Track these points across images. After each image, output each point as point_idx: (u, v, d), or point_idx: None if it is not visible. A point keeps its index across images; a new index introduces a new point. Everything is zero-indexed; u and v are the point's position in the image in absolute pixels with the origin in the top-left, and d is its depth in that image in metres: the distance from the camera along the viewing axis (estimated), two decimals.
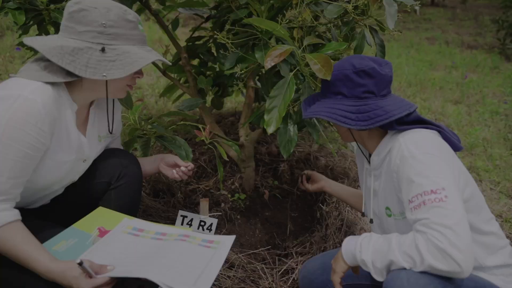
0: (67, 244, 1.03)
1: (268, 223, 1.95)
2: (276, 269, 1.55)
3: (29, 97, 0.97)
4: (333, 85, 1.16)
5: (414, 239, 0.93)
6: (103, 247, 1.03)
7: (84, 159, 1.21)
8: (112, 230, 1.10)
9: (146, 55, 1.10)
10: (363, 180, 1.32)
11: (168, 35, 2.08)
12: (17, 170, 0.97)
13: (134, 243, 1.06)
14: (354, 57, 1.16)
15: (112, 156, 1.31)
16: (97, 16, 1.04)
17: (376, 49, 1.51)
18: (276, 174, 2.27)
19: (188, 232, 1.14)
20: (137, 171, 1.32)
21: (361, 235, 1.07)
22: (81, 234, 1.08)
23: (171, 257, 0.99)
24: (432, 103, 3.87)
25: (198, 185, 2.10)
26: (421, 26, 8.68)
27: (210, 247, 1.06)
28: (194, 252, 1.03)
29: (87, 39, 1.05)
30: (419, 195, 0.96)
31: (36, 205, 1.23)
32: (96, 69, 1.03)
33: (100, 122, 1.29)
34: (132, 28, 1.09)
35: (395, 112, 1.10)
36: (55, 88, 1.05)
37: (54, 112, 1.02)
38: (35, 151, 0.99)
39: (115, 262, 0.96)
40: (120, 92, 1.18)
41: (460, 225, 0.90)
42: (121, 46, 1.07)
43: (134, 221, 1.16)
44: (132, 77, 1.17)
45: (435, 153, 1.01)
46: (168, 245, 1.05)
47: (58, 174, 1.13)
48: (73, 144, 1.13)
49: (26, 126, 0.96)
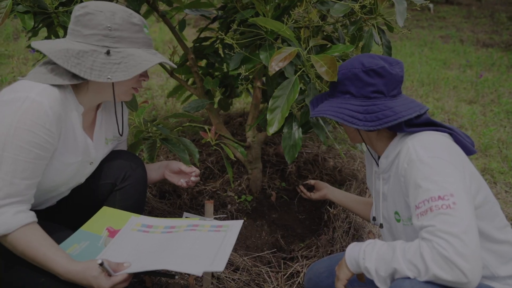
0: (80, 247, 1.04)
1: (275, 225, 1.93)
2: (282, 273, 1.53)
3: (36, 99, 0.97)
4: (341, 84, 1.13)
5: (419, 247, 0.89)
6: (116, 246, 1.05)
7: (91, 161, 1.22)
8: (122, 229, 1.11)
9: (150, 57, 1.10)
10: (372, 183, 1.29)
11: (175, 36, 2.08)
12: (30, 171, 0.98)
13: (146, 239, 1.07)
14: (364, 56, 1.14)
15: (117, 157, 1.31)
16: (102, 19, 1.05)
17: (383, 49, 1.47)
18: (284, 176, 2.25)
19: (196, 221, 1.15)
20: (142, 173, 1.32)
21: (366, 242, 1.04)
22: (92, 236, 1.08)
23: (185, 246, 1.02)
24: (446, 103, 3.79)
25: (205, 186, 2.10)
26: (435, 24, 8.52)
27: (220, 230, 1.08)
28: (206, 238, 1.05)
29: (93, 42, 1.06)
30: (426, 201, 0.93)
31: (42, 206, 1.24)
32: (101, 72, 1.04)
33: (107, 125, 1.29)
34: (137, 31, 1.09)
35: (405, 113, 1.07)
36: (62, 90, 1.06)
37: (60, 114, 1.02)
38: (45, 152, 1.00)
39: (130, 259, 0.99)
40: (126, 95, 1.18)
41: (467, 233, 0.86)
42: (126, 49, 1.07)
43: (141, 218, 1.17)
44: (137, 80, 1.17)
45: (445, 157, 0.97)
46: (179, 236, 1.07)
47: (65, 176, 1.13)
48: (79, 146, 1.14)
49: (35, 128, 0.96)
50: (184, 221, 1.17)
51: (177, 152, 1.47)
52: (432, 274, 0.86)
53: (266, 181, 2.16)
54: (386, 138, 1.16)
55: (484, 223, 1.02)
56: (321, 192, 1.61)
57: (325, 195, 1.60)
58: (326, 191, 1.60)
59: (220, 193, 2.06)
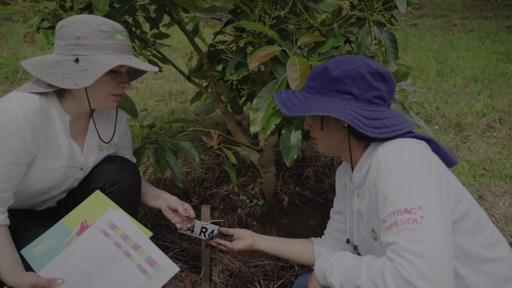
0: (47, 245, 1.10)
1: (284, 231, 1.88)
2: (274, 282, 1.48)
3: (13, 109, 1.05)
4: (340, 81, 0.98)
5: (383, 267, 0.81)
6: (72, 250, 1.09)
7: (80, 167, 1.27)
8: (90, 227, 1.14)
9: (115, 61, 1.10)
10: (345, 202, 1.18)
11: (191, 41, 2.11)
12: (2, 175, 1.05)
13: (96, 249, 1.09)
14: (365, 57, 1.02)
15: (109, 162, 1.36)
16: (72, 30, 1.10)
17: (386, 45, 1.36)
18: (300, 180, 2.18)
19: (145, 240, 1.10)
20: (131, 178, 1.35)
21: (336, 254, 0.97)
22: (64, 232, 1.13)
23: (106, 278, 1.04)
24: (500, 100, 3.42)
25: (218, 190, 2.10)
26: (501, 13, 7.74)
27: (146, 272, 1.03)
28: (126, 277, 1.03)
29: (65, 52, 1.11)
30: (392, 214, 0.84)
31: (42, 207, 1.33)
32: (70, 79, 1.08)
33: (101, 132, 1.33)
34: (107, 38, 1.12)
35: (407, 124, 0.96)
36: (44, 99, 1.12)
37: (37, 122, 1.08)
38: (18, 158, 1.07)
39: (68, 275, 1.04)
40: (106, 102, 1.21)
41: (434, 252, 0.76)
42: (93, 56, 1.11)
43: (115, 214, 1.17)
44: (116, 86, 1.19)
45: (416, 164, 0.87)
46: (114, 259, 1.07)
47: (50, 180, 1.20)
48: (63, 152, 1.19)
49: (8, 135, 1.04)
50: (139, 233, 1.11)
51: (169, 163, 1.49)
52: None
53: (280, 185, 2.11)
54: (358, 150, 1.05)
55: (466, 239, 0.90)
56: (246, 241, 1.29)
57: (253, 245, 1.28)
58: (252, 240, 1.29)
59: (232, 196, 2.06)
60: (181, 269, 1.61)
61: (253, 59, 1.19)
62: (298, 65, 1.11)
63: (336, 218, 1.27)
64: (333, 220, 1.28)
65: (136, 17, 2.17)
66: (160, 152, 1.56)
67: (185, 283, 1.52)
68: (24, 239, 1.13)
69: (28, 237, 1.13)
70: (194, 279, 1.54)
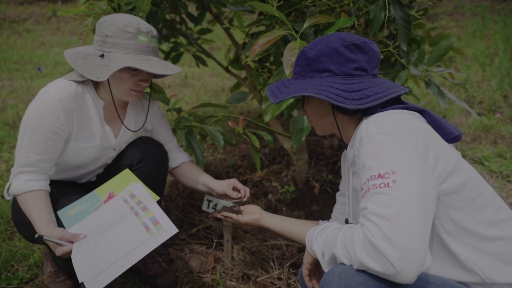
0: (79, 209, 1.28)
1: (312, 217, 1.89)
2: (287, 261, 1.50)
3: (52, 93, 1.24)
4: (316, 61, 1.00)
5: (354, 232, 0.81)
6: (97, 214, 1.25)
7: (113, 147, 1.44)
8: (115, 196, 1.29)
9: (126, 62, 1.21)
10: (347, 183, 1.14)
11: (228, 34, 2.22)
12: (42, 148, 1.25)
13: (115, 212, 1.24)
14: (341, 33, 1.04)
15: (139, 143, 1.51)
16: (103, 28, 1.26)
17: (399, 24, 1.31)
18: (334, 169, 2.16)
19: (153, 203, 1.22)
20: (157, 157, 1.49)
21: (324, 224, 0.98)
22: (94, 200, 1.31)
23: (115, 232, 1.17)
24: None
25: (251, 175, 2.17)
26: None
27: (149, 230, 1.14)
28: (132, 232, 1.15)
29: (96, 47, 1.28)
30: (367, 181, 0.83)
31: (83, 180, 1.53)
32: (95, 72, 1.24)
33: (134, 120, 1.50)
34: (129, 38, 1.24)
35: (393, 90, 0.96)
36: (80, 86, 1.30)
37: (70, 105, 1.26)
38: (54, 135, 1.25)
39: (89, 232, 1.20)
40: (127, 96, 1.33)
41: (401, 215, 0.74)
42: (114, 54, 1.24)
43: (136, 186, 1.31)
44: (136, 82, 1.31)
45: (397, 132, 0.84)
46: (125, 218, 1.20)
47: (85, 157, 1.38)
48: (96, 133, 1.36)
49: (46, 115, 1.22)
50: (151, 200, 1.23)
51: (193, 146, 1.59)
52: (358, 261, 0.77)
53: (313, 173, 2.11)
54: (354, 125, 1.04)
55: (462, 214, 0.85)
56: (253, 215, 1.31)
57: (259, 220, 1.29)
58: (259, 216, 1.30)
59: (264, 183, 2.11)
60: (207, 246, 1.71)
61: (255, 46, 1.22)
62: (297, 50, 1.13)
63: (340, 200, 1.27)
64: (338, 203, 1.28)
65: (181, 15, 2.34)
66: (187, 135, 1.67)
67: (208, 259, 1.62)
68: (62, 203, 1.32)
69: (65, 202, 1.32)
70: (217, 256, 1.63)
